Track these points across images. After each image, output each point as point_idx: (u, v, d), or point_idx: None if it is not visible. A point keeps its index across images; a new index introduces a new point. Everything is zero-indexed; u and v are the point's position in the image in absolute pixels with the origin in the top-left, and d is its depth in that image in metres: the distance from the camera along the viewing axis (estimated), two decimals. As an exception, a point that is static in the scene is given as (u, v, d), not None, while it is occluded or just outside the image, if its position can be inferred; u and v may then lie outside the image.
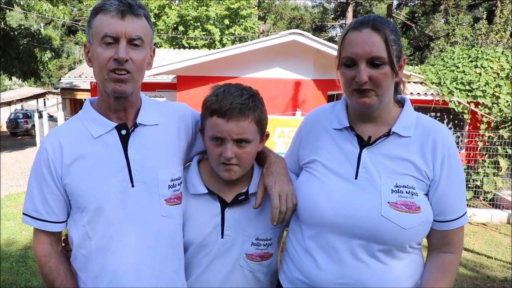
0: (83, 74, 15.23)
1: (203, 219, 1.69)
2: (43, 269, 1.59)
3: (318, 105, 1.89)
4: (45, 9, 15.09)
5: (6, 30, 16.28)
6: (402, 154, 1.53)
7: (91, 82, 15.05)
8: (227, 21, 22.51)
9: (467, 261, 5.87)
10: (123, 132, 1.57)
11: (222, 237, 1.66)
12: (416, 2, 29.59)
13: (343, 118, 1.63)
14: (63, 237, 1.69)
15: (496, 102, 8.66)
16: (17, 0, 15.70)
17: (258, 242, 1.69)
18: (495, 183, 8.43)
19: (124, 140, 1.57)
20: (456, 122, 9.84)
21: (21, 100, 29.59)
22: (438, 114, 9.77)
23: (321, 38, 13.58)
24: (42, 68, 19.29)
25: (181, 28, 22.48)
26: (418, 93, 9.31)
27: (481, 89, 8.73)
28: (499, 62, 9.00)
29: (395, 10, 29.20)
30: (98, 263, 1.54)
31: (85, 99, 1.90)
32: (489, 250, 6.43)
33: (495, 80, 8.79)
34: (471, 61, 9.27)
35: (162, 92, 13.37)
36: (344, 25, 29.84)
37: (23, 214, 1.60)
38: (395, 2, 30.00)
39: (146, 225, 1.57)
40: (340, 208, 1.51)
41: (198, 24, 22.01)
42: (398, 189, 1.48)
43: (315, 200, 1.56)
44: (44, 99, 29.64)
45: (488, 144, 8.48)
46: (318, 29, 31.40)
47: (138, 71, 1.51)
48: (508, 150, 8.24)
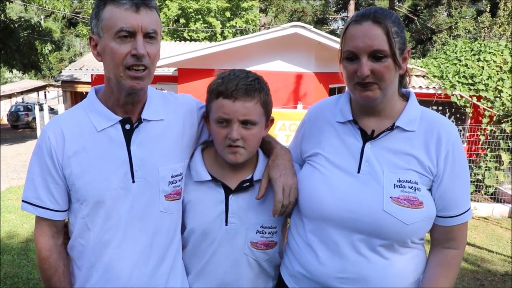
0: (84, 67, 15.22)
1: (207, 206, 1.68)
2: (43, 263, 1.58)
3: (320, 98, 1.87)
4: (45, 1, 15.05)
5: (6, 22, 16.22)
6: (406, 148, 1.51)
7: (91, 75, 15.05)
8: (228, 14, 22.45)
9: (468, 255, 5.88)
10: (127, 127, 1.55)
11: (226, 225, 1.66)
12: (419, -6, 29.44)
13: (347, 111, 1.61)
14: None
15: (499, 95, 8.64)
16: (17, -8, 15.66)
17: (263, 230, 1.68)
18: (497, 177, 8.42)
19: (128, 135, 1.55)
20: (458, 115, 9.82)
21: (21, 93, 29.57)
22: (440, 108, 9.74)
23: (323, 30, 13.53)
24: (42, 61, 19.23)
25: (182, 21, 22.42)
26: (420, 87, 9.28)
27: (483, 82, 8.69)
28: (502, 56, 8.97)
29: (397, 3, 29.04)
30: (95, 254, 1.55)
31: (85, 92, 1.88)
32: (490, 244, 6.44)
33: (497, 74, 8.76)
34: (474, 55, 9.23)
35: (163, 85, 13.36)
36: (346, 17, 29.76)
37: (23, 201, 1.57)
38: (398, -6, 29.86)
39: (145, 220, 1.56)
40: (342, 202, 1.50)
41: (199, 16, 21.93)
42: (401, 184, 1.47)
43: (317, 194, 1.55)
44: (45, 92, 29.62)
45: (490, 138, 8.46)
46: (320, 22, 31.29)
47: (153, 65, 1.49)
48: (510, 144, 8.22)
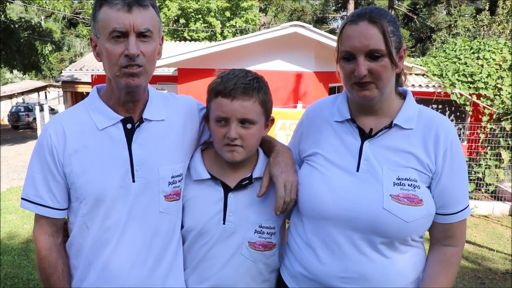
0: (84, 67, 15.22)
1: (205, 205, 1.68)
2: (42, 262, 1.58)
3: (319, 97, 1.88)
4: (46, 2, 15.05)
5: (7, 23, 16.22)
6: (404, 146, 1.51)
7: (92, 75, 15.05)
8: (228, 13, 22.45)
9: (468, 253, 5.88)
10: (129, 126, 1.56)
11: (224, 223, 1.65)
12: (418, -7, 29.41)
13: (345, 110, 1.62)
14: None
15: (498, 94, 8.62)
16: (17, -7, 15.66)
17: (261, 230, 1.68)
18: (497, 175, 8.41)
19: (129, 135, 1.55)
20: (458, 114, 9.81)
21: (22, 93, 29.54)
22: (440, 106, 9.73)
23: (323, 30, 13.53)
24: (43, 61, 19.24)
25: (182, 21, 22.42)
26: (420, 85, 9.27)
27: (483, 80, 8.68)
28: (501, 54, 8.96)
29: (396, 2, 29.02)
30: (93, 253, 1.55)
31: (86, 92, 1.89)
32: (490, 242, 6.43)
33: (497, 72, 8.74)
34: (473, 53, 9.23)
35: (163, 85, 13.36)
36: (345, 16, 29.68)
37: (22, 199, 1.57)
38: (397, -7, 29.83)
39: (143, 220, 1.57)
40: (342, 201, 1.50)
41: (199, 16, 21.93)
42: (400, 182, 1.47)
43: (317, 193, 1.56)
44: (45, 92, 29.59)
45: (490, 136, 8.46)
46: (320, 21, 31.30)
47: (150, 64, 1.49)
48: (510, 142, 8.22)
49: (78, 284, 1.59)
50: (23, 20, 17.73)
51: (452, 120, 9.61)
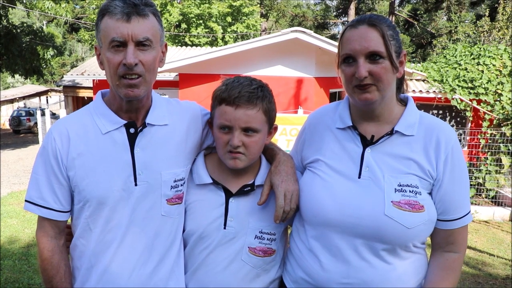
0: (86, 72, 15.25)
1: (207, 209, 1.69)
2: (44, 264, 1.60)
3: (320, 103, 1.90)
4: (48, 7, 15.08)
5: (9, 27, 16.25)
6: (406, 153, 1.52)
7: (93, 80, 15.08)
8: (229, 19, 22.49)
9: (469, 259, 5.87)
10: (132, 130, 1.58)
11: (225, 228, 1.66)
12: (419, -1, 29.51)
13: (346, 117, 1.63)
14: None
15: (499, 99, 8.65)
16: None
17: (262, 236, 1.68)
18: (497, 180, 8.41)
19: (132, 139, 1.57)
20: (458, 119, 9.82)
21: (23, 98, 29.60)
22: (440, 112, 9.74)
23: (323, 35, 13.56)
24: (44, 66, 19.23)
25: (183, 26, 22.47)
26: (420, 91, 9.29)
27: (483, 86, 8.71)
28: (501, 60, 8.98)
29: (397, 7, 29.08)
30: (95, 255, 1.57)
31: (87, 97, 1.90)
32: (491, 248, 6.43)
33: (497, 78, 8.77)
34: (474, 59, 9.25)
35: (164, 90, 13.37)
36: (346, 22, 29.79)
37: (26, 201, 1.59)
38: (398, -1, 29.90)
39: (146, 223, 1.59)
40: (343, 208, 1.51)
41: (201, 21, 21.98)
42: (402, 188, 1.48)
43: (319, 200, 1.57)
44: (47, 97, 29.70)
45: (490, 141, 8.47)
46: (320, 27, 31.37)
47: (149, 73, 1.50)
48: (510, 148, 8.23)
49: (80, 285, 1.61)
50: (25, 25, 17.75)
51: (453, 125, 9.62)
